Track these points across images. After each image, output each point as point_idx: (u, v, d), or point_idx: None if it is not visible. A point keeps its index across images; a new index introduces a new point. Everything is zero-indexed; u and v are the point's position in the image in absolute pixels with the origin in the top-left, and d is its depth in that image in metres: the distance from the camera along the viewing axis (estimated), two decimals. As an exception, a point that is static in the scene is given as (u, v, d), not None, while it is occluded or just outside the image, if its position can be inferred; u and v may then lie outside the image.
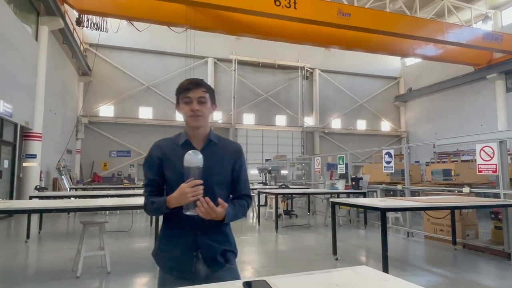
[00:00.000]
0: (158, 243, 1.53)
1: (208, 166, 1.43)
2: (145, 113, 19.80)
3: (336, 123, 23.68)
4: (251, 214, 10.08)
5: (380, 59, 22.73)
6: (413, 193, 7.47)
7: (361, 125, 24.25)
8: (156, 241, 1.55)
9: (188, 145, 1.48)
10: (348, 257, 5.17)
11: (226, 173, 1.51)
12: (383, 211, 4.06)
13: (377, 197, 8.06)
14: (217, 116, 21.14)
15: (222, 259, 1.48)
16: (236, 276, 1.51)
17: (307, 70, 22.66)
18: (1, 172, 9.07)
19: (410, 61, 23.98)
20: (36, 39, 11.32)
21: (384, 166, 7.29)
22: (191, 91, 1.46)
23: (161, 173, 1.49)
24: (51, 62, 12.33)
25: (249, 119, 21.81)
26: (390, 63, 24.31)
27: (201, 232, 1.45)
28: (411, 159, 13.16)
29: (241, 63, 21.38)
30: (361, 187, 7.67)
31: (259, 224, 8.23)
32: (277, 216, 7.52)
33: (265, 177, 14.33)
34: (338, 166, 9.05)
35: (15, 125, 10.02)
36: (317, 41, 14.62)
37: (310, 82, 23.15)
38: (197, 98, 1.46)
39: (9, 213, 7.66)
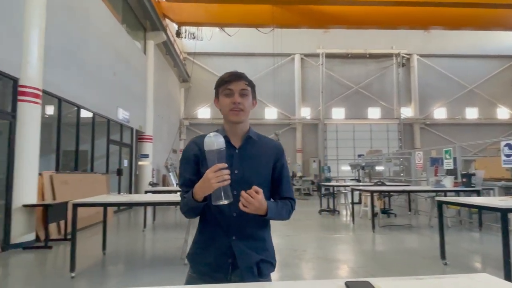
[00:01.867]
0: (193, 246, 1.42)
1: (248, 164, 1.36)
2: (237, 113, 20.83)
3: (439, 113, 21.26)
4: (344, 212, 9.76)
5: (493, 36, 19.52)
6: (545, 192, 6.24)
7: (472, 113, 21.26)
8: (192, 243, 1.43)
9: (226, 142, 1.33)
10: (460, 262, 4.60)
11: (266, 172, 1.39)
12: (504, 212, 3.49)
13: (494, 195, 6.98)
14: (305, 112, 21.00)
15: (256, 271, 1.33)
16: None
17: (403, 57, 20.84)
18: (122, 170, 10.63)
19: (536, 34, 20.03)
20: (145, 52, 12.91)
21: (503, 160, 6.24)
22: (232, 83, 1.35)
23: (198, 171, 1.36)
24: (157, 72, 13.91)
25: (338, 113, 21.12)
26: (506, 40, 20.68)
27: (236, 237, 1.32)
28: (540, 151, 11.01)
29: (329, 56, 20.81)
30: (474, 184, 6.73)
31: (353, 223, 7.92)
32: (374, 214, 7.12)
33: (358, 174, 13.70)
34: (445, 160, 8.10)
35: (131, 129, 11.62)
36: (414, 24, 13.34)
37: (407, 70, 21.24)
38: (239, 91, 1.34)
39: (130, 205, 8.97)
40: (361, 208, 9.07)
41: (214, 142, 1.19)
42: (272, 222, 1.45)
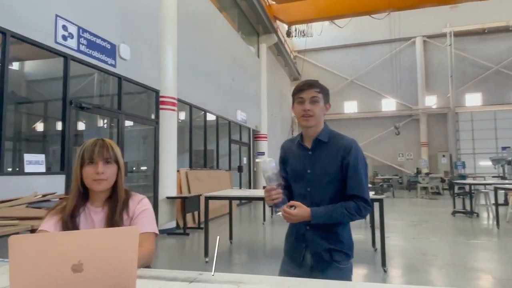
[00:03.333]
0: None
1: (318, 165, 1.52)
2: (350, 107, 20.05)
3: None
4: (485, 215, 8.32)
5: None
6: None
7: None
8: None
9: (300, 145, 1.60)
10: None
11: (333, 171, 1.50)
12: None
13: None
14: (430, 101, 18.75)
15: (328, 256, 1.50)
16: (344, 278, 1.48)
17: None
18: (242, 167, 11.48)
19: None
20: (258, 56, 13.62)
21: None
22: (304, 91, 1.51)
23: (285, 170, 1.64)
24: (269, 73, 14.51)
25: (473, 99, 18.14)
26: None
27: (310, 226, 1.52)
28: None
29: (459, 34, 18.05)
30: None
31: (498, 227, 6.71)
32: (527, 218, 5.89)
33: (503, 170, 11.54)
34: None
35: (249, 129, 12.44)
36: None
37: None
38: (309, 98, 1.50)
39: (250, 199, 9.65)
40: (509, 211, 7.61)
41: (267, 167, 1.44)
42: (396, 224, 1.39)
